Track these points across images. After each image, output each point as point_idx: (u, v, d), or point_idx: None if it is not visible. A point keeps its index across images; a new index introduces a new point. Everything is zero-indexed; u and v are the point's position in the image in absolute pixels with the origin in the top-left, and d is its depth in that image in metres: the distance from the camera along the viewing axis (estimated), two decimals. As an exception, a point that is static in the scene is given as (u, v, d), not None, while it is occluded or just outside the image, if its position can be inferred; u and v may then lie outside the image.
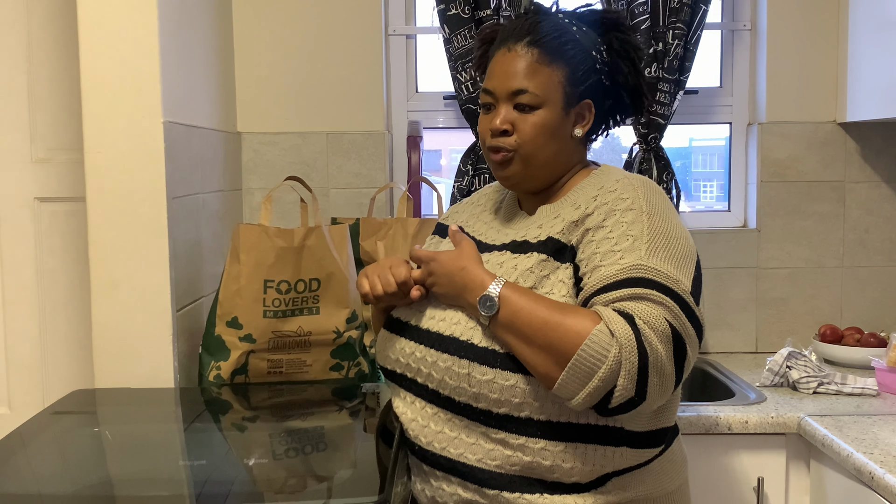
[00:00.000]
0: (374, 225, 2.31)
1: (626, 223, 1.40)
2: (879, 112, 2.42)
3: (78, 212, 2.06)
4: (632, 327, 1.29)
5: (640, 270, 1.34)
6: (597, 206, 1.44)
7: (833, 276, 2.67)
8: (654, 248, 1.37)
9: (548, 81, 1.49)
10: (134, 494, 1.45)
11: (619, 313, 1.31)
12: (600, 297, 1.34)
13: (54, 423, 1.77)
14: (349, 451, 1.67)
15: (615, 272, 1.35)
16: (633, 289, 1.33)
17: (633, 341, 1.28)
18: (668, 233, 1.40)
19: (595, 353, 1.28)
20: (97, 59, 1.92)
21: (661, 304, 1.32)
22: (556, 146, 1.52)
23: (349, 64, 2.62)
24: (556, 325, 1.32)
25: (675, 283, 1.34)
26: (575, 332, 1.30)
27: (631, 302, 1.32)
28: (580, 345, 1.29)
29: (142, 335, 1.95)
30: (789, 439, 2.04)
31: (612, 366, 1.28)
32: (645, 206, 1.42)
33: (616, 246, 1.38)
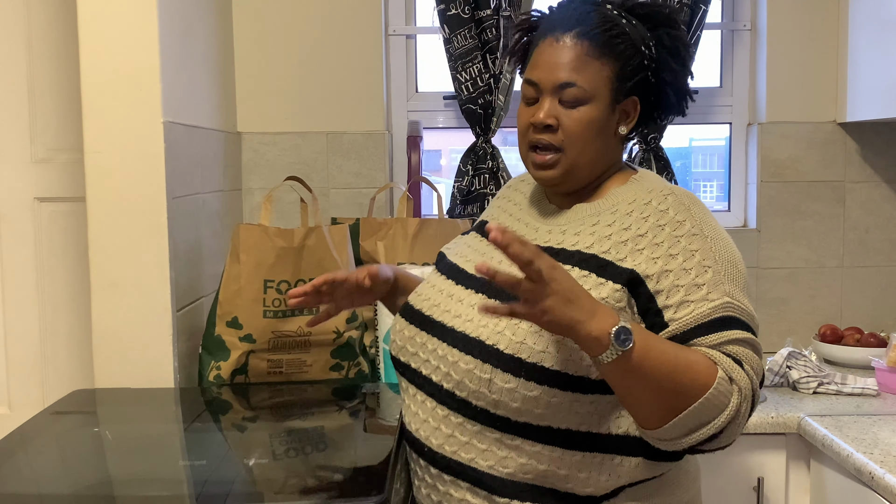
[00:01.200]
0: (374, 225, 2.31)
1: (696, 252, 1.35)
2: (879, 112, 2.42)
3: (78, 212, 2.06)
4: (748, 375, 1.30)
5: (729, 309, 1.32)
6: (650, 227, 1.37)
7: (833, 276, 2.67)
8: (731, 279, 1.35)
9: (597, 75, 1.41)
10: (134, 494, 1.45)
11: (730, 358, 1.30)
12: (703, 339, 1.31)
13: (54, 423, 1.77)
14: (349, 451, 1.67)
15: (708, 311, 1.32)
16: (732, 331, 1.31)
17: (750, 390, 1.30)
18: (732, 256, 1.38)
19: (718, 403, 1.28)
20: (97, 59, 1.92)
21: (754, 345, 1.33)
22: (600, 144, 1.44)
23: (349, 64, 2.62)
24: (686, 370, 1.27)
25: (752, 319, 1.35)
26: (703, 380, 1.27)
27: (736, 346, 1.31)
28: (705, 392, 1.27)
29: (142, 335, 1.95)
30: (789, 439, 2.04)
31: (731, 414, 1.28)
32: (707, 230, 1.38)
33: (697, 279, 1.33)
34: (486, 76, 2.54)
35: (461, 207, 2.61)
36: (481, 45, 2.54)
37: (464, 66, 2.54)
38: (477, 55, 2.53)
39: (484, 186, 2.59)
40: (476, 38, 2.53)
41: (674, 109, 1.51)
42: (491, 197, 2.58)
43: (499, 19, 2.51)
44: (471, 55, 2.53)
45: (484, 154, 2.58)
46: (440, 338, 1.43)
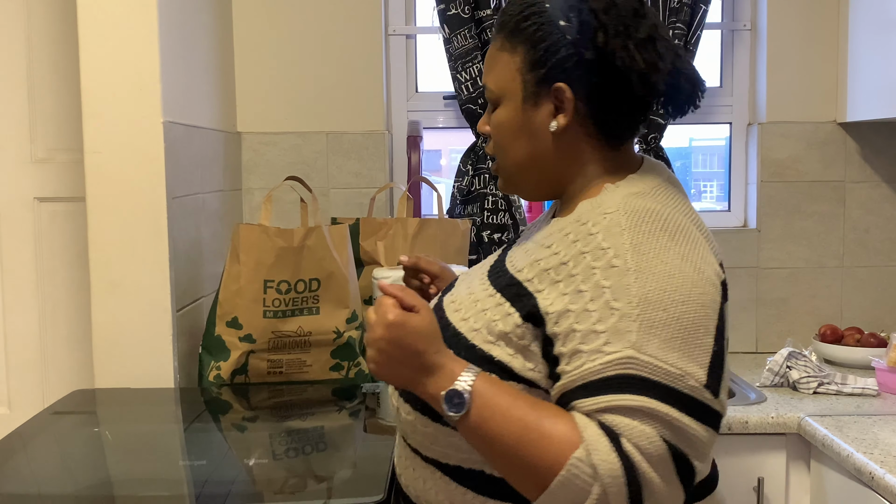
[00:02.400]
0: (374, 225, 2.31)
1: (607, 289, 1.07)
2: (879, 112, 2.42)
3: (78, 212, 2.06)
4: (618, 454, 1.02)
5: (630, 366, 1.04)
6: (573, 254, 1.13)
7: (833, 277, 2.67)
8: (648, 327, 1.05)
9: (504, 71, 1.22)
10: (134, 494, 1.45)
11: (604, 430, 1.03)
12: (582, 401, 1.06)
13: (54, 423, 1.77)
14: (349, 451, 1.67)
15: (599, 367, 1.05)
16: (623, 395, 1.03)
17: (621, 477, 1.02)
18: (667, 296, 1.07)
19: (575, 489, 1.03)
20: (97, 59, 1.92)
21: (658, 417, 1.03)
22: (526, 146, 1.23)
23: (349, 64, 2.62)
24: (533, 444, 1.05)
25: (678, 380, 1.04)
26: (551, 458, 1.04)
27: (618, 416, 1.03)
28: (556, 474, 1.04)
29: (142, 335, 1.95)
30: (789, 439, 2.04)
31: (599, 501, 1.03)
32: (631, 260, 1.08)
33: (599, 324, 1.06)
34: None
35: (461, 207, 2.61)
36: (481, 45, 2.54)
37: (464, 66, 2.54)
38: (477, 55, 2.53)
39: (484, 186, 2.59)
40: (476, 38, 2.53)
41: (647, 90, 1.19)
42: (491, 197, 2.58)
43: (499, 19, 2.51)
44: (471, 55, 2.53)
45: (484, 154, 2.58)
46: None
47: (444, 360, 1.11)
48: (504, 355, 1.14)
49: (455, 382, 1.09)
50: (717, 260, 1.17)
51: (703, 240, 1.16)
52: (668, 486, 1.04)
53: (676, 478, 1.05)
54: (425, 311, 1.14)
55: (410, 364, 1.11)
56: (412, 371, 1.12)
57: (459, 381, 1.09)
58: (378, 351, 1.12)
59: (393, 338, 1.11)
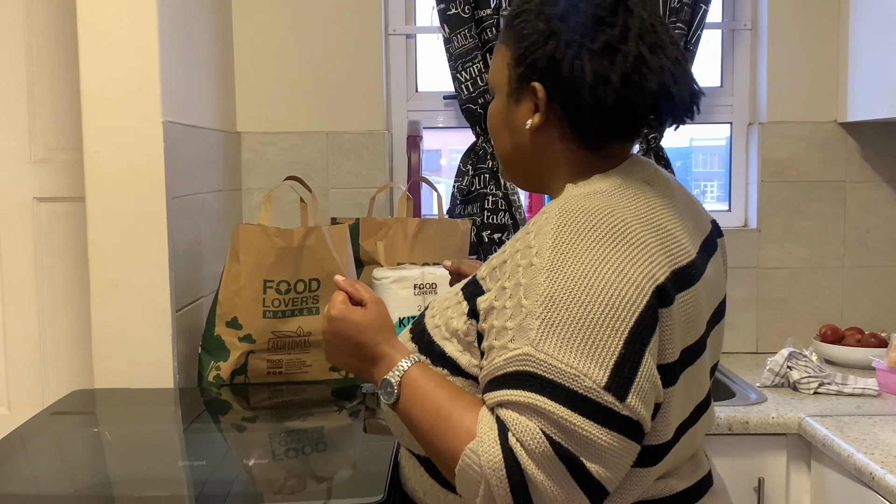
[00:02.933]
0: (374, 225, 2.31)
1: (521, 286, 1.09)
2: (880, 112, 2.42)
3: (78, 212, 2.06)
4: (501, 447, 1.04)
5: (526, 363, 1.05)
6: (511, 252, 1.15)
7: (833, 277, 2.67)
8: (549, 326, 1.05)
9: (498, 65, 1.27)
10: (134, 494, 1.45)
11: (497, 424, 1.06)
12: (487, 394, 1.10)
13: (54, 423, 1.77)
14: (349, 451, 1.67)
15: (502, 362, 1.07)
16: (514, 390, 1.05)
17: (502, 470, 1.03)
18: (573, 297, 1.05)
19: (469, 478, 1.07)
20: (97, 59, 1.92)
21: (544, 414, 1.03)
22: (509, 140, 1.27)
23: (349, 64, 2.62)
24: (442, 433, 1.11)
25: (572, 380, 1.03)
26: (452, 448, 1.09)
27: (507, 411, 1.06)
28: (455, 463, 1.08)
29: (142, 335, 1.95)
30: (790, 440, 2.04)
31: (485, 495, 1.05)
32: (548, 258, 1.08)
33: (509, 321, 1.09)
34: (486, 76, 2.54)
35: (461, 207, 2.61)
36: (481, 45, 2.54)
37: (464, 66, 2.54)
38: (477, 55, 2.53)
39: (484, 186, 2.59)
40: (476, 38, 2.53)
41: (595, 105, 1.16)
42: (491, 197, 2.58)
43: (499, 19, 2.51)
44: (471, 55, 2.53)
45: (484, 154, 2.58)
46: None
47: (386, 350, 1.20)
48: (454, 351, 1.19)
49: (389, 372, 1.18)
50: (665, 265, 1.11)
51: (654, 244, 1.12)
52: (562, 489, 1.03)
53: (573, 482, 1.03)
54: (372, 306, 1.23)
55: (354, 354, 1.22)
56: (357, 360, 1.23)
57: (393, 371, 1.17)
58: (326, 343, 1.25)
59: (335, 330, 1.23)
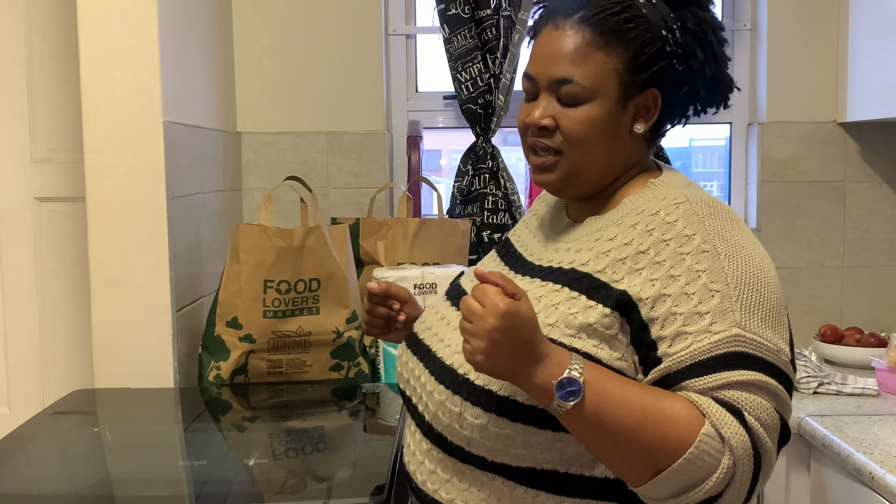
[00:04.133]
0: (374, 225, 2.31)
1: (702, 273, 1.12)
2: (880, 112, 2.42)
3: (78, 212, 2.06)
4: (745, 427, 1.07)
5: (739, 344, 1.10)
6: (653, 242, 1.16)
7: (833, 276, 2.67)
8: (747, 306, 1.12)
9: (601, 69, 1.21)
10: (134, 494, 1.45)
11: (724, 406, 1.08)
12: (695, 381, 1.09)
13: (54, 423, 1.77)
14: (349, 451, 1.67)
15: (709, 346, 1.09)
16: (737, 371, 1.08)
17: (749, 448, 1.07)
18: (757, 278, 1.14)
19: (703, 464, 1.06)
20: (97, 59, 1.92)
21: (770, 390, 1.10)
22: (608, 146, 1.24)
23: (349, 64, 2.62)
24: (656, 426, 1.07)
25: (776, 356, 1.12)
26: (678, 437, 1.06)
27: (736, 391, 1.08)
28: (684, 452, 1.06)
29: (142, 335, 1.95)
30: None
31: (722, 477, 1.07)
32: (720, 244, 1.14)
33: (701, 305, 1.11)
34: (486, 76, 2.54)
35: (461, 207, 2.61)
36: (481, 45, 2.54)
37: (464, 66, 2.54)
38: (477, 55, 2.53)
39: (484, 186, 2.59)
40: (476, 38, 2.53)
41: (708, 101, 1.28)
42: (491, 197, 2.58)
43: (499, 19, 2.51)
44: (471, 55, 2.53)
45: (484, 154, 2.58)
46: (425, 364, 1.28)
47: (550, 349, 1.09)
48: (588, 346, 1.14)
49: (568, 370, 1.07)
50: None
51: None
52: (776, 451, 1.13)
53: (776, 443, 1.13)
54: (526, 299, 1.10)
55: (521, 353, 1.08)
56: (522, 361, 1.08)
57: (571, 369, 1.08)
58: (490, 342, 1.07)
59: (508, 327, 1.06)
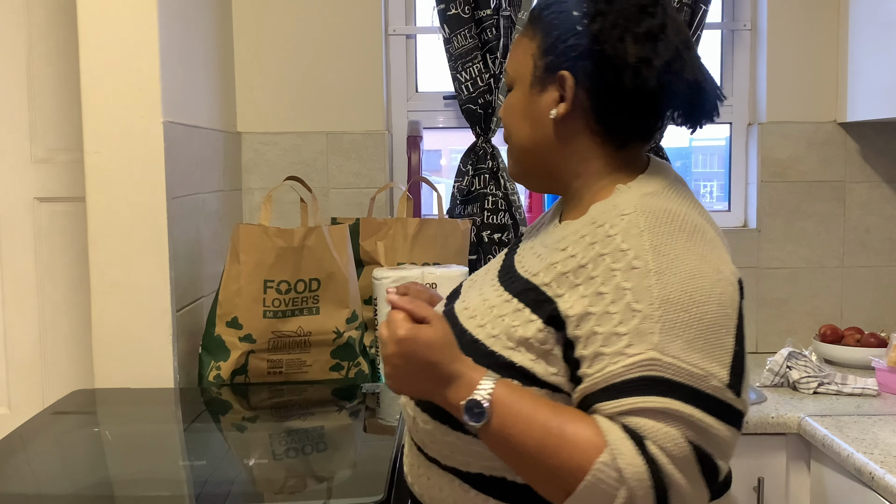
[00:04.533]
0: (374, 225, 2.31)
1: (628, 290, 1.06)
2: (880, 112, 2.42)
3: (78, 212, 2.06)
4: (644, 457, 1.01)
5: (653, 368, 1.03)
6: (592, 257, 1.11)
7: (833, 277, 2.67)
8: (670, 328, 1.05)
9: (523, 54, 1.23)
10: (134, 494, 1.45)
11: (628, 433, 1.03)
12: (604, 404, 1.05)
13: (54, 423, 1.77)
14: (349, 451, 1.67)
15: (622, 369, 1.04)
16: (646, 397, 1.03)
17: (647, 480, 1.01)
18: (689, 298, 1.07)
19: (600, 493, 1.02)
20: (97, 59, 1.92)
21: (682, 418, 1.03)
22: (527, 131, 1.23)
23: (349, 64, 2.62)
24: (556, 449, 1.04)
25: (701, 381, 1.04)
26: (575, 464, 1.03)
27: (641, 419, 1.03)
28: (582, 479, 1.03)
29: (142, 335, 1.95)
30: (789, 439, 2.04)
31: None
32: (652, 261, 1.08)
33: (620, 326, 1.05)
34: (486, 76, 2.54)
35: (461, 207, 2.61)
36: (481, 45, 2.54)
37: (464, 66, 2.54)
38: (477, 55, 2.53)
39: (484, 186, 2.59)
40: (476, 38, 2.53)
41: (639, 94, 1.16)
42: (491, 197, 2.58)
43: (499, 19, 2.51)
44: (471, 55, 2.53)
45: (484, 154, 2.58)
46: None
47: (461, 369, 1.10)
48: (525, 360, 1.13)
49: (474, 392, 1.08)
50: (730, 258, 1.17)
51: (718, 238, 1.17)
52: (694, 486, 1.04)
53: (701, 478, 1.05)
54: (437, 322, 1.12)
55: (427, 376, 1.10)
56: (429, 383, 1.10)
57: (479, 390, 1.08)
58: (393, 367, 1.11)
59: (405, 352, 1.10)
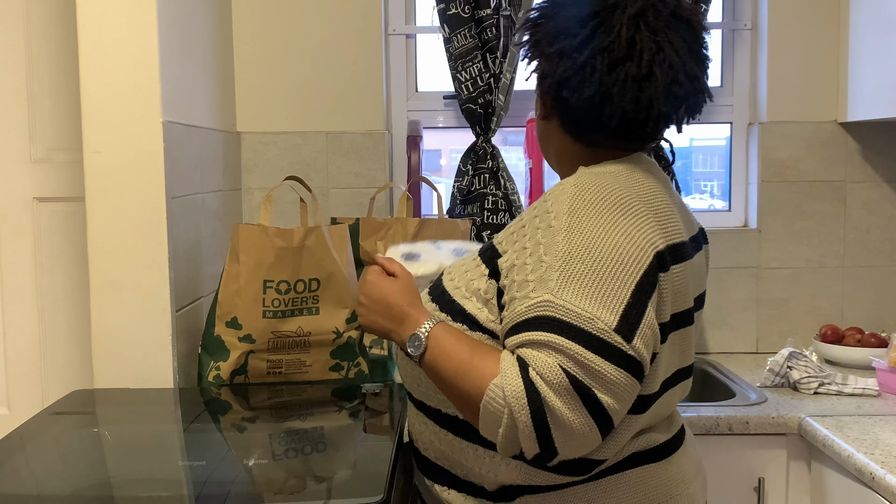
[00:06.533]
0: (374, 225, 2.31)
1: (542, 245, 1.25)
2: (880, 112, 2.42)
3: (77, 212, 2.06)
4: (523, 379, 1.17)
5: (546, 308, 1.19)
6: (529, 218, 1.31)
7: (834, 276, 2.67)
8: (567, 277, 1.20)
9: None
10: (134, 494, 1.45)
11: (518, 361, 1.19)
12: (508, 339, 1.23)
13: (54, 423, 1.76)
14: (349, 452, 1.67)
15: (523, 309, 1.22)
16: (534, 332, 1.19)
17: (523, 398, 1.16)
18: (588, 252, 1.21)
19: (493, 411, 1.19)
20: (97, 59, 1.92)
21: (561, 350, 1.17)
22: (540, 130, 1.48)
23: (349, 64, 2.62)
24: (466, 377, 1.24)
25: (587, 322, 1.17)
26: (476, 387, 1.22)
27: (529, 349, 1.19)
28: (481, 400, 1.21)
29: (141, 335, 1.95)
30: (790, 440, 2.04)
31: (508, 424, 1.18)
32: (565, 220, 1.24)
33: (530, 274, 1.24)
34: (486, 76, 2.54)
35: (461, 207, 2.61)
36: (481, 45, 2.53)
37: (464, 66, 2.53)
38: (477, 55, 2.53)
39: (484, 186, 2.59)
40: (476, 38, 2.53)
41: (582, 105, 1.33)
42: (491, 197, 2.58)
43: (499, 19, 2.51)
44: (471, 55, 2.53)
45: (484, 154, 2.58)
46: None
47: (412, 312, 1.36)
48: (473, 308, 1.34)
49: (417, 329, 1.32)
50: (663, 237, 1.28)
51: (653, 220, 1.29)
52: (577, 416, 1.16)
53: (585, 411, 1.16)
54: (402, 276, 1.44)
55: (383, 314, 1.40)
56: (386, 320, 1.39)
57: (420, 328, 1.32)
58: (360, 304, 1.44)
59: (368, 293, 1.43)
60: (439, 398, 1.38)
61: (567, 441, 1.18)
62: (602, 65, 1.30)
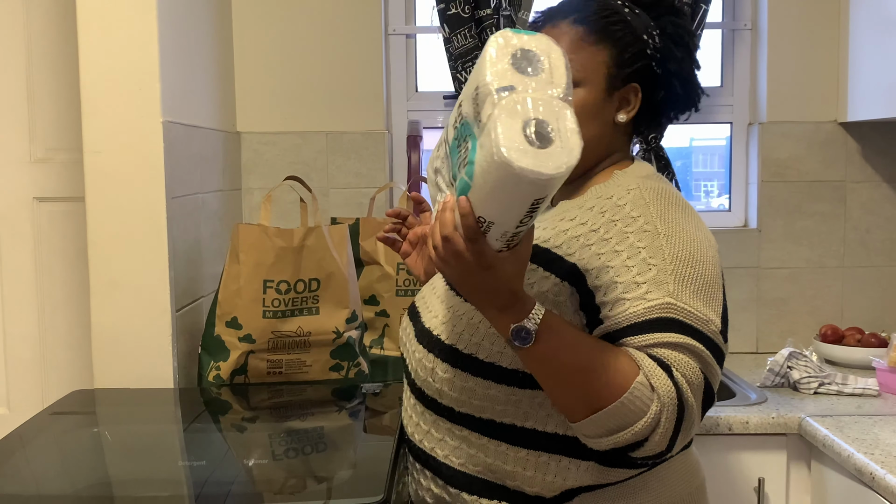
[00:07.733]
0: (374, 225, 2.31)
1: (642, 248, 1.28)
2: (880, 112, 2.42)
3: (77, 212, 2.06)
4: (672, 381, 1.20)
5: (670, 310, 1.23)
6: (604, 223, 1.33)
7: (834, 276, 2.67)
8: (680, 280, 1.25)
9: (591, 61, 1.39)
10: (134, 494, 1.45)
11: (657, 362, 1.21)
12: (631, 338, 1.24)
13: (53, 423, 1.77)
14: (349, 452, 1.67)
15: (643, 310, 1.24)
16: (667, 334, 1.22)
17: (675, 400, 1.20)
18: (693, 257, 1.28)
19: (635, 408, 1.19)
20: (97, 59, 1.92)
21: (697, 353, 1.22)
22: (595, 130, 1.39)
23: (349, 64, 2.62)
24: (600, 372, 1.21)
25: (705, 325, 1.24)
26: (617, 383, 1.19)
27: (667, 350, 1.22)
28: (620, 396, 1.19)
29: (141, 335, 1.95)
30: (790, 440, 2.04)
31: (650, 422, 1.19)
32: (661, 225, 1.30)
33: (639, 276, 1.26)
34: (486, 76, 2.53)
35: (461, 207, 2.60)
36: (481, 45, 2.53)
37: (464, 66, 2.53)
38: (477, 55, 2.53)
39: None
40: (476, 38, 2.53)
41: (682, 102, 1.48)
42: (491, 197, 2.58)
43: (499, 19, 2.51)
44: (471, 55, 2.53)
45: (484, 154, 2.58)
46: (413, 329, 1.49)
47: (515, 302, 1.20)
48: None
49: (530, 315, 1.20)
50: None
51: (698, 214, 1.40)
52: (700, 415, 1.25)
53: (701, 404, 1.24)
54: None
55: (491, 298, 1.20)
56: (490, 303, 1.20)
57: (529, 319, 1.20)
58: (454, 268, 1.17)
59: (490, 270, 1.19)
60: (496, 409, 1.34)
61: (683, 439, 1.23)
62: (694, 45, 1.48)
